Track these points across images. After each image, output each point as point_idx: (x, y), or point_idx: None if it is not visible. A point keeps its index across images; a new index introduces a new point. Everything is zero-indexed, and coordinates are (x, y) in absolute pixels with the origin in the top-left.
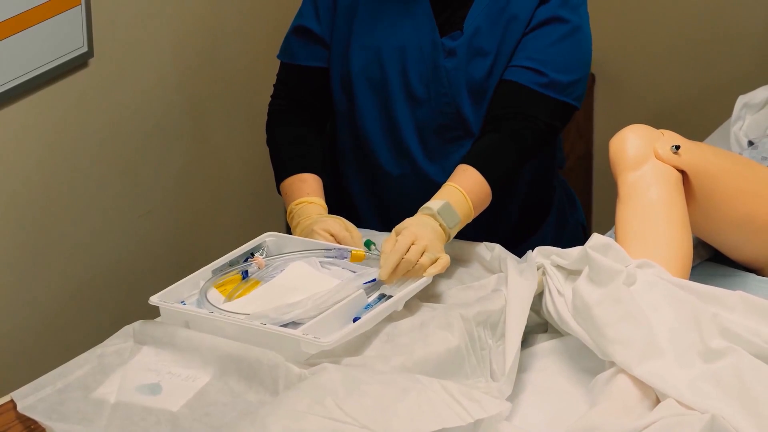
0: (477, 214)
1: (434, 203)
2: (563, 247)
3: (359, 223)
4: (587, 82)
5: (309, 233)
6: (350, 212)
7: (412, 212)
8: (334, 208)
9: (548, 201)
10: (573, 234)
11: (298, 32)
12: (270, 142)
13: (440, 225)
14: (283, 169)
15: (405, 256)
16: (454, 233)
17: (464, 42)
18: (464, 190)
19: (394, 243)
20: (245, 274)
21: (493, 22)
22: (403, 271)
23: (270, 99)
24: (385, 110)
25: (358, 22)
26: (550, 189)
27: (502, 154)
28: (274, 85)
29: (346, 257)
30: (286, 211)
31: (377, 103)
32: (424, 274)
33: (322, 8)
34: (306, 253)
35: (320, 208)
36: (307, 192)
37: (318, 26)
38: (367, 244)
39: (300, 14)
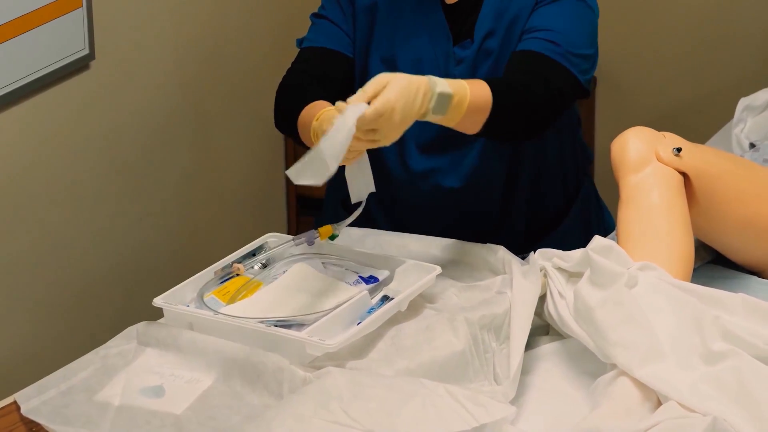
0: (458, 126)
1: (442, 86)
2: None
3: (369, 223)
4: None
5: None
6: (368, 221)
7: (421, 213)
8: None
9: (572, 193)
10: None
11: (321, 18)
12: (283, 100)
13: (422, 104)
14: (297, 106)
15: (365, 128)
16: (423, 118)
17: (475, 49)
18: (471, 97)
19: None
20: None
21: (499, 24)
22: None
23: (284, 78)
24: None
25: (376, 32)
26: (572, 176)
27: (520, 88)
28: (288, 69)
29: (314, 238)
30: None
31: None
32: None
33: (346, 11)
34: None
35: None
36: (325, 106)
37: (343, 23)
38: (333, 238)
39: (323, 8)
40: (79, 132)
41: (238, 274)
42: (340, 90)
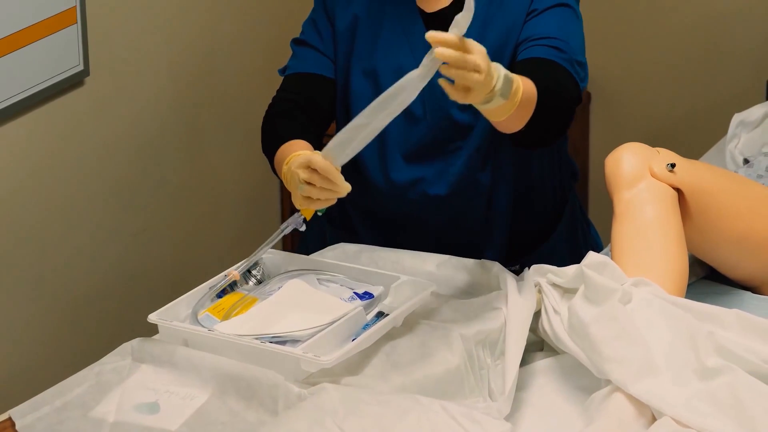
0: (507, 120)
1: (505, 70)
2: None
3: (350, 234)
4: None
5: (292, 177)
6: (350, 234)
7: (407, 222)
8: (335, 233)
9: (558, 208)
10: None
11: (301, 44)
12: (266, 131)
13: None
14: (276, 144)
15: (467, 56)
16: (486, 102)
17: None
18: (522, 91)
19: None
20: (227, 289)
21: (486, 32)
22: (454, 60)
23: (268, 107)
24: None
25: (357, 45)
26: (558, 191)
27: (556, 90)
28: (273, 97)
29: (300, 220)
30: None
31: None
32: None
33: (324, 34)
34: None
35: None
36: (298, 149)
37: (322, 46)
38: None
39: (303, 33)
40: (74, 148)
41: (234, 281)
42: (326, 112)
